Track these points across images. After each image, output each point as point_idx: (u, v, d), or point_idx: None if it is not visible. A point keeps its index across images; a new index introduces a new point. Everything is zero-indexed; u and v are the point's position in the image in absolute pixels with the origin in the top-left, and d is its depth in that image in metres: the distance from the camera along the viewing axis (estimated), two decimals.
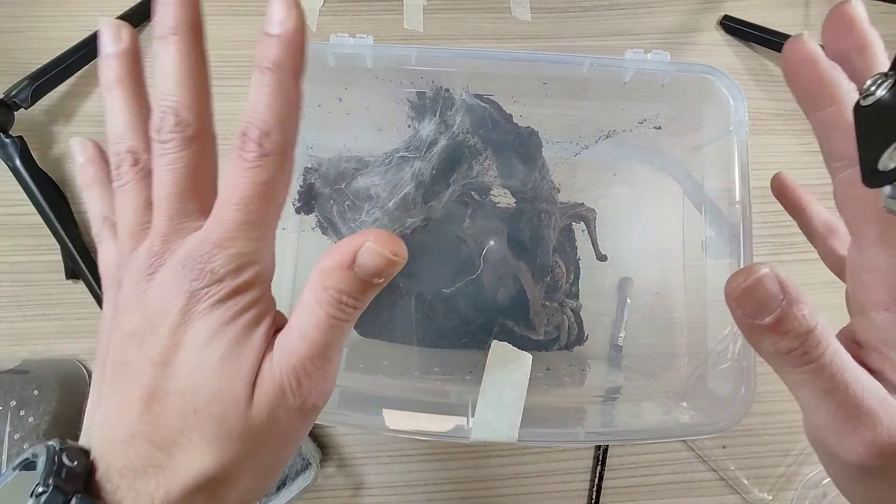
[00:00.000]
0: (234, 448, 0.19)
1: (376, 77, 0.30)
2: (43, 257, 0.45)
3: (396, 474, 0.42)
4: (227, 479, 0.19)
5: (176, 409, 0.18)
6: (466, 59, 0.29)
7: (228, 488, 0.19)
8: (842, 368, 0.18)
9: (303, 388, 0.19)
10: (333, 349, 0.20)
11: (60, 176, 0.46)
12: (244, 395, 0.19)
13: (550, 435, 0.28)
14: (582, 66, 0.28)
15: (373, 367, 0.36)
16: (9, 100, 0.42)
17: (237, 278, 0.19)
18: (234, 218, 0.19)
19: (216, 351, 0.18)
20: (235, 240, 0.19)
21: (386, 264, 0.19)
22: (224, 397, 0.18)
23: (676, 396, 0.32)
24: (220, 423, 0.18)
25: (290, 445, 0.21)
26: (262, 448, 0.19)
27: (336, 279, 0.19)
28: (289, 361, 0.19)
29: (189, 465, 0.18)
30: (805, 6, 0.53)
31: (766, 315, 0.18)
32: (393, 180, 0.30)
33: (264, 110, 0.20)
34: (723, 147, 0.28)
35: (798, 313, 0.18)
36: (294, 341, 0.19)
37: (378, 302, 0.37)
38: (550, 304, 0.36)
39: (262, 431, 0.19)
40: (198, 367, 0.18)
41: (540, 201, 0.34)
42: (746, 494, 0.42)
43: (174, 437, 0.18)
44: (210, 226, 0.19)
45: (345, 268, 0.19)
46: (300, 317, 0.19)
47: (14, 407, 0.38)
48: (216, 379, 0.18)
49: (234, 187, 0.19)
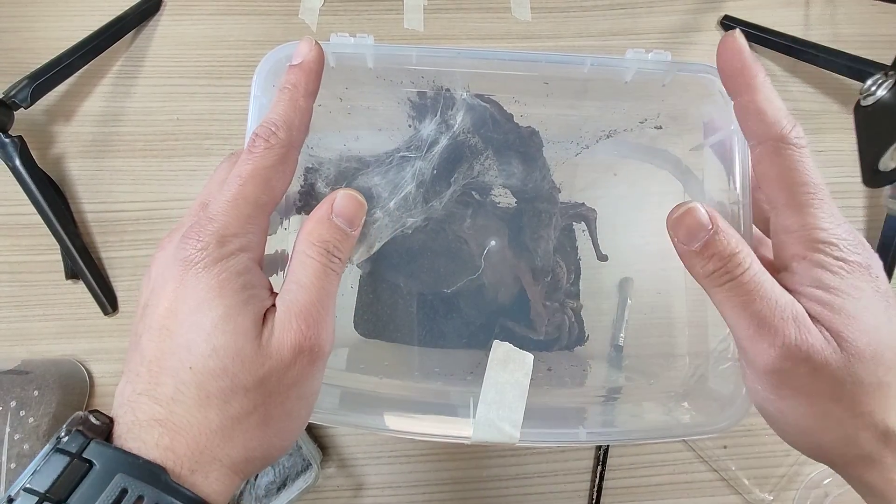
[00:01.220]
0: (238, 401, 0.20)
1: (377, 77, 0.30)
2: (43, 257, 0.45)
3: (397, 475, 0.42)
4: (229, 433, 0.20)
5: (172, 367, 0.20)
6: (467, 59, 0.28)
7: (231, 442, 0.20)
8: (760, 286, 0.21)
9: (311, 330, 0.21)
10: (328, 296, 0.22)
11: (60, 176, 0.46)
12: (250, 348, 0.20)
13: (551, 435, 0.28)
14: (583, 66, 0.28)
15: (374, 367, 0.36)
16: (8, 100, 0.42)
17: (223, 247, 0.21)
18: (230, 194, 0.21)
19: (211, 312, 0.20)
20: (226, 214, 0.21)
21: (356, 205, 0.23)
22: (224, 353, 0.20)
23: (677, 396, 0.32)
24: (219, 377, 0.20)
25: (299, 395, 0.22)
26: (272, 398, 0.21)
27: (320, 231, 0.22)
28: (294, 308, 0.21)
29: (188, 419, 0.20)
30: (805, 6, 0.53)
31: (695, 242, 0.22)
32: (393, 180, 0.30)
33: (276, 115, 0.23)
34: (723, 147, 0.28)
35: (723, 240, 0.22)
36: (294, 292, 0.21)
37: (379, 302, 0.37)
38: (551, 304, 0.36)
39: (271, 379, 0.20)
40: (192, 328, 0.20)
41: (540, 201, 0.34)
42: (747, 495, 0.42)
43: (171, 394, 0.20)
44: (211, 204, 0.21)
45: (326, 219, 0.22)
46: (295, 271, 0.22)
47: (14, 407, 0.38)
48: (213, 338, 0.20)
49: (236, 170, 0.22)
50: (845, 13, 0.52)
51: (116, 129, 0.47)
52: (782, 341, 0.21)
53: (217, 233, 0.20)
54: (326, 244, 0.22)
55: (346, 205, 0.23)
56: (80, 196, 0.46)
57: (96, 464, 0.18)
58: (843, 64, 0.46)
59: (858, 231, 0.23)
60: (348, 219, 0.23)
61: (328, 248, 0.22)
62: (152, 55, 0.49)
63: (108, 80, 0.49)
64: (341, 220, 0.23)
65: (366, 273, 0.37)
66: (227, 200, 0.21)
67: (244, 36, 0.49)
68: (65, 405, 0.40)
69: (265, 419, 0.21)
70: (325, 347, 0.22)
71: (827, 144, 0.49)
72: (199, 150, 0.47)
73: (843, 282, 0.21)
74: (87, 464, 0.18)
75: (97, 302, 0.44)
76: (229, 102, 0.48)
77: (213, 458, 0.20)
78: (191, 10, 0.50)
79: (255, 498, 0.39)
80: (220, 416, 0.20)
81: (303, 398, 0.22)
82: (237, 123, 0.48)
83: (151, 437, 0.19)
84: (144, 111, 0.48)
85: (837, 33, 0.52)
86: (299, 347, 0.21)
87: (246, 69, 0.48)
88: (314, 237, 0.22)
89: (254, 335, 0.20)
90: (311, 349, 0.21)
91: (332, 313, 0.22)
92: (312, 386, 0.22)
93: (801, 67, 0.50)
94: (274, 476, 0.39)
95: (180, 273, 0.20)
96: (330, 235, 0.22)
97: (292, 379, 0.21)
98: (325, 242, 0.22)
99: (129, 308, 0.45)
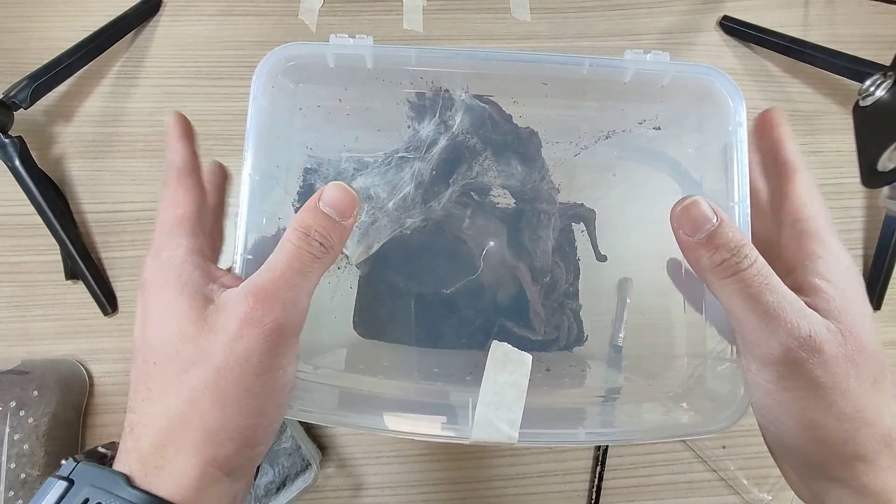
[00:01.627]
0: (190, 380, 0.21)
1: (376, 77, 0.30)
2: (43, 257, 0.45)
3: (396, 475, 0.42)
4: (187, 416, 0.21)
5: (144, 373, 0.22)
6: (466, 60, 0.28)
7: (190, 426, 0.21)
8: (767, 279, 0.22)
9: (262, 304, 0.21)
10: (299, 276, 0.22)
11: (60, 176, 0.46)
12: (193, 328, 0.21)
13: (551, 435, 0.28)
14: (582, 67, 0.28)
15: (373, 368, 0.36)
16: (8, 100, 0.42)
17: (165, 249, 0.23)
18: (157, 221, 0.25)
19: (159, 308, 0.22)
20: (156, 237, 0.24)
21: (344, 195, 0.23)
22: (174, 338, 0.21)
23: (676, 397, 0.32)
24: (173, 361, 0.21)
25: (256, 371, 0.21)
26: (222, 374, 0.21)
27: (304, 217, 0.23)
28: (249, 286, 0.22)
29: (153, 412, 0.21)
30: (804, 7, 0.53)
31: (700, 232, 0.22)
32: (392, 181, 0.30)
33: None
34: (722, 147, 0.28)
35: (728, 231, 0.22)
36: (258, 273, 0.22)
37: (378, 302, 0.37)
38: (550, 304, 0.36)
39: (217, 353, 0.21)
40: (151, 327, 0.22)
41: (539, 201, 0.34)
42: (746, 494, 0.42)
43: (143, 396, 0.22)
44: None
45: (312, 207, 0.23)
46: (271, 255, 0.23)
47: (14, 407, 0.38)
48: (162, 328, 0.22)
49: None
50: (844, 13, 0.52)
51: (116, 130, 0.48)
52: (796, 332, 0.21)
53: (162, 235, 0.24)
54: (308, 229, 0.22)
55: (333, 194, 0.23)
56: (80, 196, 0.46)
57: (75, 481, 0.21)
58: (842, 64, 0.46)
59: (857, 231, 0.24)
60: (336, 208, 0.23)
61: (308, 233, 0.22)
62: (152, 55, 0.49)
63: (108, 80, 0.49)
64: (329, 209, 0.23)
65: (365, 273, 0.37)
66: (157, 226, 0.25)
67: (244, 36, 0.49)
68: (64, 405, 0.40)
69: (221, 398, 0.21)
70: (284, 322, 0.21)
71: (826, 145, 0.49)
72: (199, 151, 0.47)
73: (836, 274, 0.23)
74: (69, 482, 0.21)
75: (97, 302, 0.44)
76: (229, 103, 0.48)
77: (177, 450, 0.21)
78: (190, 11, 0.50)
79: (254, 498, 0.39)
80: (177, 400, 0.21)
81: (262, 374, 0.21)
82: (237, 123, 0.48)
83: (126, 445, 0.21)
84: (144, 111, 0.48)
85: (836, 34, 0.52)
86: (246, 320, 0.21)
87: (246, 69, 0.48)
88: (297, 223, 0.23)
89: (196, 316, 0.21)
90: (261, 322, 0.21)
91: (301, 293, 0.22)
92: (272, 362, 0.22)
93: (800, 68, 0.50)
94: (273, 476, 0.39)
95: (141, 295, 0.23)
96: (313, 221, 0.23)
97: (242, 352, 0.21)
98: (306, 227, 0.22)
99: (129, 308, 0.45)
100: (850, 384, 0.21)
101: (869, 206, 0.48)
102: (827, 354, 0.21)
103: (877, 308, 0.46)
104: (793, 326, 0.21)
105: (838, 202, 0.48)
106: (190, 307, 0.22)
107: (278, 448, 0.40)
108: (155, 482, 0.20)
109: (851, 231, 0.47)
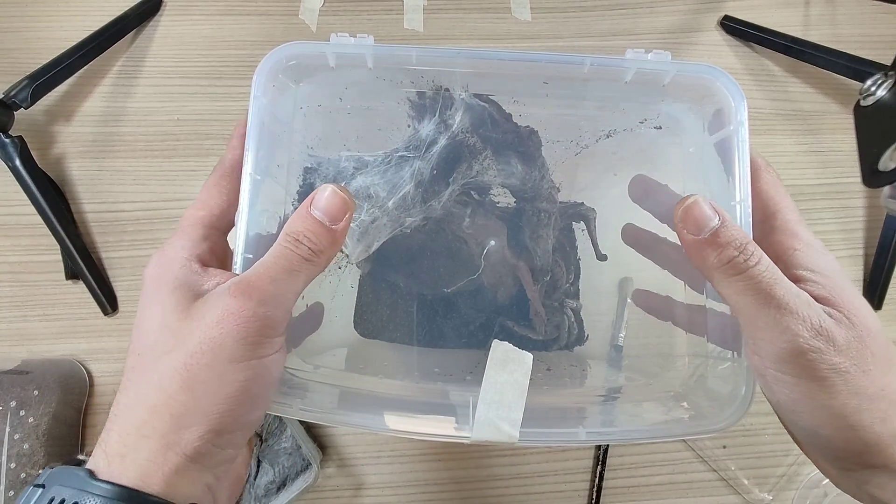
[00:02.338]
0: (163, 365, 0.21)
1: (376, 77, 0.30)
2: (43, 257, 0.45)
3: (397, 474, 0.42)
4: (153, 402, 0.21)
5: (126, 363, 0.23)
6: (466, 59, 0.28)
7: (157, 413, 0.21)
8: (775, 275, 0.22)
9: (242, 299, 0.22)
10: (286, 274, 0.23)
11: (60, 176, 0.46)
12: (175, 320, 0.22)
13: (551, 435, 0.27)
14: (582, 66, 0.28)
15: (373, 367, 0.36)
16: (8, 100, 0.42)
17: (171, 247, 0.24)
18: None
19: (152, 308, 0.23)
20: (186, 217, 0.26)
21: (335, 200, 0.23)
22: (157, 329, 0.22)
23: (677, 396, 0.32)
24: (152, 349, 0.22)
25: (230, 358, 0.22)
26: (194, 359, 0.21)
27: (294, 222, 0.23)
28: (233, 284, 0.22)
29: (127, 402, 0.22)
30: (805, 6, 0.53)
31: (704, 230, 0.23)
32: (392, 180, 0.30)
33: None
34: (723, 147, 0.28)
35: (733, 229, 0.23)
36: (244, 274, 0.23)
37: (378, 302, 0.37)
38: (550, 303, 0.36)
39: (192, 339, 0.21)
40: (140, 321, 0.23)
41: (540, 201, 0.34)
42: (747, 494, 0.42)
43: (123, 385, 0.22)
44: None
45: (303, 212, 0.23)
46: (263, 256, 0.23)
47: (14, 407, 0.38)
48: (148, 323, 0.23)
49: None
50: (845, 13, 0.52)
51: (116, 130, 0.48)
52: (809, 323, 0.21)
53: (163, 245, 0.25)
54: (297, 234, 0.23)
55: (324, 199, 0.23)
56: (80, 196, 0.46)
57: (45, 485, 0.21)
58: (843, 64, 0.46)
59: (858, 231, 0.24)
60: (328, 212, 0.23)
61: (297, 238, 0.23)
62: (152, 55, 0.49)
63: (108, 80, 0.49)
64: (319, 214, 0.23)
65: (365, 273, 0.37)
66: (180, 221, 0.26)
67: (244, 36, 0.49)
68: (64, 405, 0.40)
69: (189, 380, 0.21)
70: (262, 315, 0.22)
71: (826, 144, 0.49)
72: (199, 151, 0.47)
73: (819, 264, 0.23)
74: (42, 487, 0.21)
75: (97, 302, 0.44)
76: (229, 102, 0.48)
77: (140, 436, 0.21)
78: (191, 11, 0.50)
79: (254, 497, 0.39)
80: (148, 387, 0.22)
81: (236, 362, 0.21)
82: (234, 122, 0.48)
83: (99, 439, 0.22)
84: (144, 111, 0.48)
85: (837, 33, 0.52)
86: (225, 309, 0.21)
87: (246, 69, 0.48)
88: (288, 229, 0.23)
89: (181, 309, 0.22)
90: (239, 312, 0.21)
91: (285, 290, 0.23)
92: (247, 352, 0.22)
93: (800, 67, 0.50)
94: (273, 476, 0.39)
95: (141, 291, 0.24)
96: (302, 226, 0.23)
97: (217, 338, 0.21)
98: (296, 233, 0.23)
99: (129, 308, 0.45)
100: (868, 365, 0.22)
101: (870, 205, 0.48)
102: (840, 340, 0.22)
103: (877, 308, 0.46)
104: (805, 318, 0.22)
105: (839, 202, 0.48)
106: (178, 302, 0.22)
107: (278, 448, 0.40)
108: (118, 471, 0.21)
109: (852, 231, 0.47)
